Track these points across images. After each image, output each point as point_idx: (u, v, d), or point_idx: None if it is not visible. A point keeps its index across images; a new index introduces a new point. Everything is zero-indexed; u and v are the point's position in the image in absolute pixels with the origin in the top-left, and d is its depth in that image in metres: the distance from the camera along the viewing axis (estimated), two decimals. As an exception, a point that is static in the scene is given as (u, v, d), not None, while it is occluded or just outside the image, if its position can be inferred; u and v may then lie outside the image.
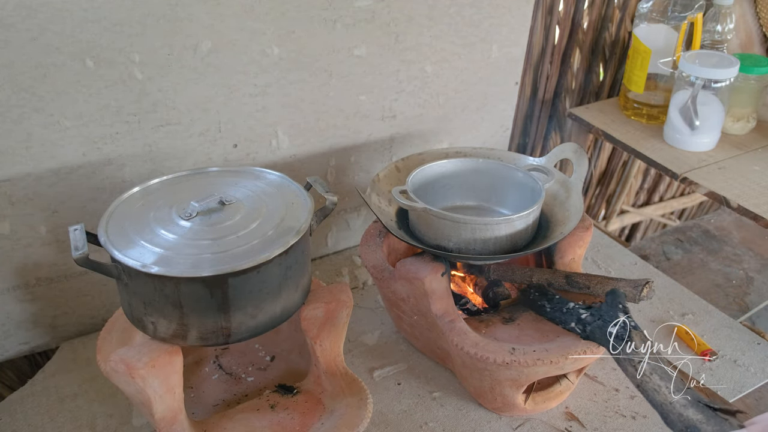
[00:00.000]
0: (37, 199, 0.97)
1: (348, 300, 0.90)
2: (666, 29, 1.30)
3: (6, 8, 0.83)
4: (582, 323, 0.89)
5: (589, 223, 1.06)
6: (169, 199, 0.86)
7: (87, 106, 0.94)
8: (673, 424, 0.68)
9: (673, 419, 0.67)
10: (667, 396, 0.70)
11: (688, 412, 0.67)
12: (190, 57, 0.98)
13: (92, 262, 0.76)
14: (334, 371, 0.93)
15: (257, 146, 1.11)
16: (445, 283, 0.95)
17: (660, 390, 0.71)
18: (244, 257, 0.77)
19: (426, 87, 1.22)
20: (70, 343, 1.09)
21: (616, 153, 1.74)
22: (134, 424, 0.96)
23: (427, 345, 1.05)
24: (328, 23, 1.06)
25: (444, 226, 0.94)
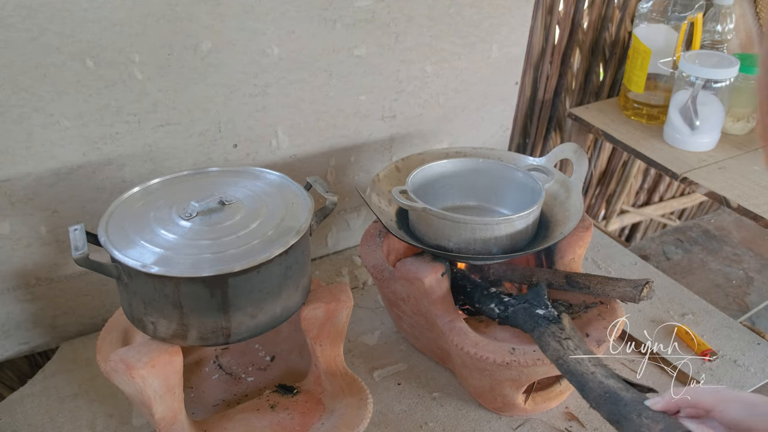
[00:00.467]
0: (37, 199, 0.97)
1: (348, 300, 0.90)
2: (666, 29, 1.30)
3: (6, 8, 0.83)
4: (504, 305, 0.94)
5: (589, 223, 1.06)
6: (169, 199, 0.86)
7: (87, 106, 0.94)
8: (591, 390, 0.71)
9: (593, 386, 0.71)
10: (589, 367, 0.73)
11: (608, 381, 0.70)
12: (190, 57, 0.98)
13: (92, 262, 0.76)
14: (334, 371, 0.93)
15: (257, 146, 1.11)
16: (445, 283, 0.95)
17: (583, 362, 0.74)
18: (244, 257, 0.77)
19: (426, 87, 1.22)
20: (70, 343, 1.09)
21: (616, 153, 1.74)
22: (134, 424, 0.96)
23: (427, 345, 1.05)
24: (328, 23, 1.06)
25: (444, 226, 0.94)
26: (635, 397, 0.68)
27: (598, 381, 0.71)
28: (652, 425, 0.63)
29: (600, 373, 0.72)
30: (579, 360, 0.75)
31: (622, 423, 0.66)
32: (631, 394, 0.68)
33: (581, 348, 0.78)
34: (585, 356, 0.75)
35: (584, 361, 0.75)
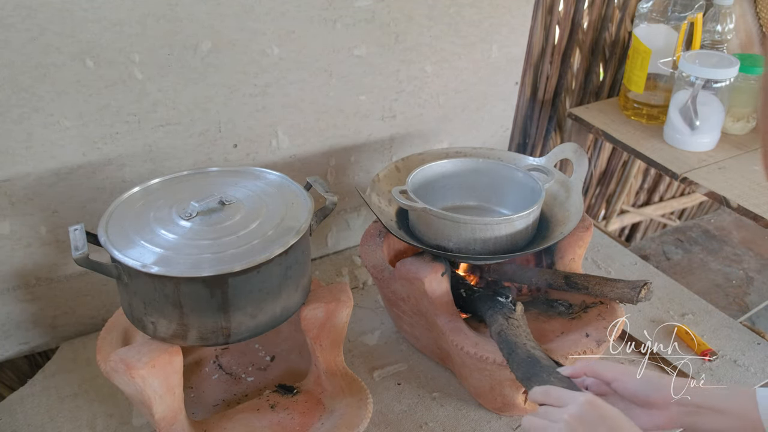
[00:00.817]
0: (37, 199, 0.97)
1: (348, 300, 0.90)
2: (666, 29, 1.30)
3: (6, 8, 0.83)
4: (471, 290, 1.00)
5: (589, 223, 1.06)
6: (169, 199, 0.86)
7: (87, 106, 0.94)
8: (517, 355, 0.81)
9: (520, 353, 0.81)
10: (523, 340, 0.84)
11: (535, 351, 0.81)
12: (190, 57, 0.98)
13: (92, 262, 0.76)
14: (334, 371, 0.93)
15: (257, 146, 1.11)
16: (445, 283, 0.95)
17: (520, 336, 0.85)
18: (244, 257, 0.77)
19: (426, 87, 1.22)
20: (70, 343, 1.09)
21: (616, 153, 1.74)
22: (134, 424, 0.96)
23: (427, 345, 1.05)
24: (328, 23, 1.06)
25: (444, 226, 0.94)
26: (551, 365, 0.78)
27: (526, 350, 0.81)
28: (556, 383, 0.74)
29: (530, 346, 0.82)
30: (517, 334, 0.85)
31: (532, 379, 0.77)
32: (548, 363, 0.79)
33: (522, 329, 0.87)
34: (523, 333, 0.85)
35: (521, 335, 0.84)
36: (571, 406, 0.68)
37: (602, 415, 0.66)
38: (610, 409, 0.68)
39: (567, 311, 1.01)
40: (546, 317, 1.01)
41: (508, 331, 0.87)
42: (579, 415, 0.66)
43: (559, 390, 0.71)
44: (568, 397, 0.69)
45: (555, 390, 0.71)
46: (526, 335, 0.86)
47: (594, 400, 0.68)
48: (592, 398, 0.68)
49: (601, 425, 0.66)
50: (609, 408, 0.68)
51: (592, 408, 0.67)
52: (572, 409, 0.67)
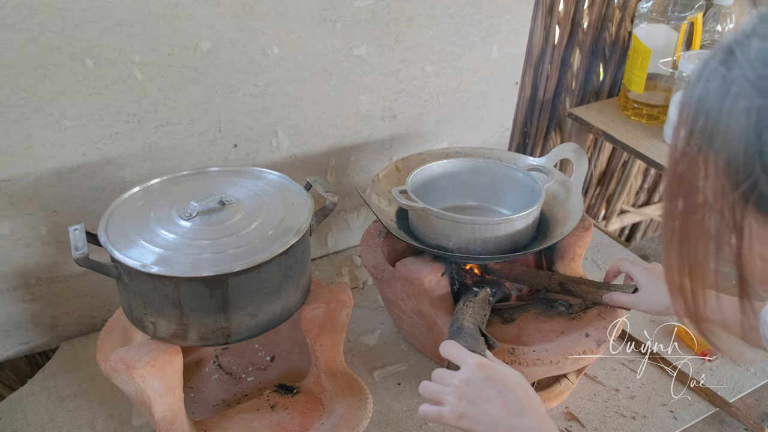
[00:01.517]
0: (37, 199, 0.97)
1: (348, 300, 0.90)
2: (666, 29, 1.30)
3: (6, 8, 0.83)
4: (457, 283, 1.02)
5: (589, 223, 1.06)
6: (169, 199, 0.86)
7: (87, 106, 0.94)
8: (452, 327, 0.87)
9: (454, 326, 0.87)
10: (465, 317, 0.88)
11: (467, 323, 0.86)
12: (190, 57, 0.98)
13: (92, 262, 0.76)
14: (334, 371, 0.93)
15: (257, 146, 1.11)
16: (445, 283, 0.95)
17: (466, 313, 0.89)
18: (244, 257, 0.77)
19: (426, 87, 1.22)
20: (70, 343, 1.09)
21: (616, 153, 1.74)
22: (134, 424, 0.96)
23: (427, 345, 1.05)
24: (328, 23, 1.06)
25: (444, 226, 0.94)
26: (472, 333, 0.83)
27: (460, 322, 0.87)
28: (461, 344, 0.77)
29: (466, 320, 0.87)
30: (464, 311, 0.90)
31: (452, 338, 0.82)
32: (471, 332, 0.84)
33: (474, 308, 0.91)
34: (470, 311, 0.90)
35: (466, 313, 0.89)
36: (461, 370, 0.70)
37: (489, 377, 0.68)
38: (500, 371, 0.69)
39: (567, 311, 1.01)
40: (546, 317, 1.01)
41: (459, 310, 0.91)
42: (468, 378, 0.68)
43: (456, 347, 0.73)
44: (462, 357, 0.71)
45: (452, 346, 0.74)
46: (471, 312, 0.89)
47: (484, 363, 0.69)
48: (483, 361, 0.70)
49: (490, 388, 0.67)
50: (499, 370, 0.69)
51: (482, 370, 0.69)
52: (462, 373, 0.69)
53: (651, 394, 1.01)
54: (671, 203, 0.43)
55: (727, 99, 0.36)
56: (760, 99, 0.35)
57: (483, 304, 0.94)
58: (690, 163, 0.40)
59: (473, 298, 0.94)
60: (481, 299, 0.95)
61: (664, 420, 0.97)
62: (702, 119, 0.38)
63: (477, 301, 0.94)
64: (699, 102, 0.38)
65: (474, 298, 0.94)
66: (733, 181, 0.37)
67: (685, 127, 0.40)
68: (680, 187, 0.42)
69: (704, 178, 0.39)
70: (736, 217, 0.38)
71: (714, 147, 0.37)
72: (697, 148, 0.39)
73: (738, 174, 0.36)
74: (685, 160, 0.40)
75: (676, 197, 0.42)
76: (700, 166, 0.39)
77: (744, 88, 0.36)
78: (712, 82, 0.37)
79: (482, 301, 0.94)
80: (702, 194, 0.40)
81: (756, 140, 0.35)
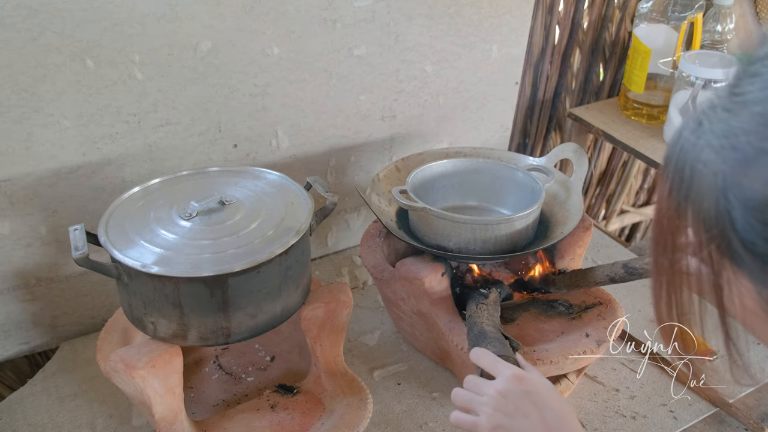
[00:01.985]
0: (37, 199, 0.97)
1: (348, 300, 0.90)
2: (666, 29, 1.30)
3: (6, 8, 0.83)
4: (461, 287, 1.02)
5: (589, 223, 1.06)
6: (169, 199, 0.86)
7: (87, 106, 0.94)
8: (472, 332, 0.86)
9: (475, 329, 0.86)
10: (483, 320, 0.88)
11: (488, 328, 0.85)
12: (190, 57, 0.98)
13: (92, 262, 0.76)
14: (334, 371, 0.93)
15: (257, 146, 1.11)
16: (445, 283, 0.95)
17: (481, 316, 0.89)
18: (244, 257, 0.77)
19: (426, 87, 1.22)
20: (70, 343, 1.09)
21: (616, 153, 1.74)
22: (134, 424, 0.96)
23: (427, 345, 1.05)
24: (328, 23, 1.06)
25: (444, 226, 0.94)
26: (497, 337, 0.82)
27: (480, 327, 0.86)
28: (491, 349, 0.77)
29: (486, 324, 0.86)
30: (479, 314, 0.89)
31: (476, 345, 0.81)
32: (496, 335, 0.83)
33: (488, 311, 0.91)
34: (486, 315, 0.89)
35: (483, 316, 0.89)
36: (498, 380, 0.69)
37: (527, 390, 0.67)
38: (537, 383, 0.69)
39: (567, 311, 1.01)
40: (546, 317, 1.01)
41: (474, 314, 0.90)
42: (505, 389, 0.68)
43: (492, 358, 0.72)
44: (498, 368, 0.70)
45: (488, 357, 0.73)
46: (487, 316, 0.89)
47: (521, 375, 0.69)
48: (520, 373, 0.69)
49: (526, 400, 0.67)
50: (536, 382, 0.69)
51: (519, 382, 0.68)
52: (499, 384, 0.68)
53: (651, 394, 1.01)
54: (657, 255, 0.47)
55: (697, 165, 0.41)
56: (724, 165, 0.39)
57: (495, 305, 0.94)
58: (671, 218, 0.44)
59: (485, 300, 0.94)
60: (493, 301, 0.95)
61: (664, 420, 0.97)
62: (678, 180, 0.42)
63: (489, 303, 0.93)
64: (676, 165, 0.43)
65: (486, 300, 0.94)
66: (709, 237, 0.41)
67: (667, 183, 0.44)
68: (665, 241, 0.46)
69: (684, 233, 0.44)
70: (714, 267, 0.42)
71: (690, 204, 0.42)
72: (677, 204, 0.43)
73: (712, 230, 0.40)
74: (667, 215, 0.45)
75: (662, 250, 0.46)
76: (681, 220, 0.43)
77: (710, 155, 0.40)
78: (686, 148, 0.42)
79: (494, 303, 0.95)
80: (684, 247, 0.45)
81: (724, 201, 0.39)
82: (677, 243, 0.45)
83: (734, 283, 0.42)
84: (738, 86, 0.41)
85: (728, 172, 0.39)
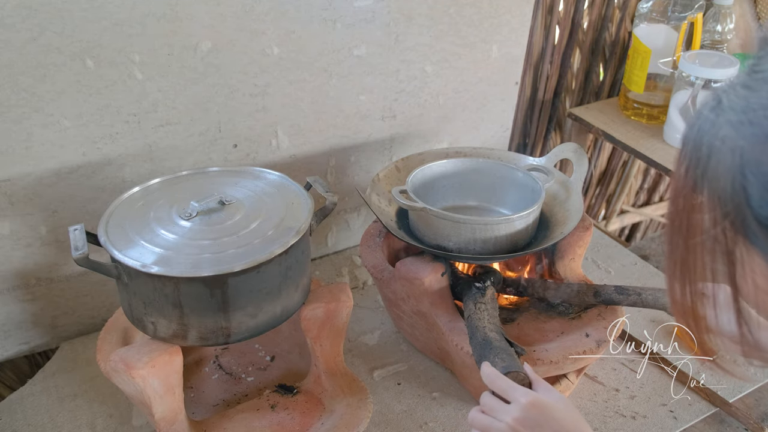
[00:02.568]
0: (37, 199, 0.97)
1: (348, 300, 0.90)
2: (666, 29, 1.30)
3: (6, 8, 0.83)
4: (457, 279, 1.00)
5: (589, 223, 1.06)
6: (169, 198, 0.86)
7: (87, 106, 0.94)
8: (476, 337, 0.85)
9: (478, 335, 0.85)
10: (484, 323, 0.87)
11: (491, 334, 0.84)
12: (190, 57, 0.98)
13: (92, 262, 0.76)
14: (334, 371, 0.93)
15: (257, 146, 1.11)
16: (445, 283, 0.95)
17: (482, 319, 0.88)
18: (244, 257, 0.77)
19: (426, 87, 1.22)
20: (70, 343, 1.09)
21: (616, 153, 1.74)
22: (134, 424, 0.96)
23: (427, 345, 1.05)
24: (328, 23, 1.06)
25: (444, 226, 0.94)
26: (503, 347, 0.81)
27: (483, 333, 0.85)
28: (499, 363, 0.77)
29: (489, 329, 0.85)
30: (480, 317, 0.88)
31: (482, 359, 0.80)
32: (501, 344, 0.82)
33: (488, 312, 0.90)
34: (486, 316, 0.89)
35: (483, 318, 0.88)
36: (514, 408, 0.69)
37: (546, 417, 0.68)
38: (554, 408, 0.69)
39: (567, 311, 1.01)
40: (546, 317, 1.01)
41: (474, 315, 0.89)
42: (523, 418, 0.68)
43: (506, 382, 0.73)
44: (514, 395, 0.70)
45: (501, 381, 0.73)
46: (488, 318, 0.88)
47: (536, 402, 0.69)
48: (535, 400, 0.69)
49: (546, 428, 0.67)
50: (552, 407, 0.69)
51: (536, 410, 0.68)
52: (516, 412, 0.69)
53: (651, 394, 1.01)
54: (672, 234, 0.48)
55: (715, 142, 0.42)
56: (742, 141, 0.40)
57: (494, 303, 0.94)
58: (687, 196, 0.45)
59: (482, 299, 0.93)
60: (490, 298, 0.94)
61: (664, 420, 0.97)
62: (696, 158, 0.43)
63: (488, 301, 0.93)
64: (694, 143, 0.43)
65: (483, 298, 0.93)
66: (723, 213, 0.42)
67: (683, 161, 0.45)
68: (681, 220, 0.46)
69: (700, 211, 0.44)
70: (728, 245, 0.43)
71: (707, 182, 0.42)
72: (693, 182, 0.44)
73: (727, 207, 0.41)
74: (683, 194, 0.45)
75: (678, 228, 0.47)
76: (697, 199, 0.44)
77: (729, 131, 0.41)
78: (704, 127, 0.43)
79: (492, 300, 0.94)
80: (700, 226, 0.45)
81: (741, 178, 0.40)
82: (692, 221, 0.45)
83: (747, 261, 0.43)
84: (758, 65, 0.42)
85: (746, 148, 0.40)
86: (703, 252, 0.45)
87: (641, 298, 0.94)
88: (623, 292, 0.95)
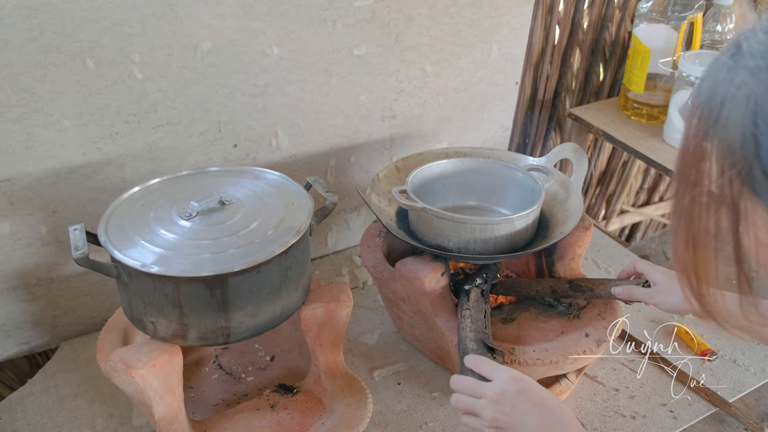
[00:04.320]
0: (37, 199, 0.97)
1: (348, 300, 0.90)
2: (666, 29, 1.30)
3: (6, 8, 0.83)
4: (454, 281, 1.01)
5: (589, 223, 1.06)
6: (169, 198, 0.86)
7: (87, 106, 0.94)
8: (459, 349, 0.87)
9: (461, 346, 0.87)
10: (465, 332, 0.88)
11: (470, 344, 0.85)
12: (190, 57, 0.98)
13: (92, 262, 0.76)
14: (334, 371, 0.93)
15: (257, 146, 1.11)
16: (445, 283, 0.95)
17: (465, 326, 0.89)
18: (244, 257, 0.77)
19: (426, 87, 1.22)
20: (70, 343, 1.09)
21: (616, 153, 1.74)
22: (134, 424, 0.96)
23: (427, 345, 1.05)
24: (328, 23, 1.06)
25: (444, 226, 0.94)
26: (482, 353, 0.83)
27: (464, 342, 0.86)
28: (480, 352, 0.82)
29: (469, 338, 0.87)
30: (463, 325, 0.90)
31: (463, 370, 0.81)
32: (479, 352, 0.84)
33: (472, 317, 0.91)
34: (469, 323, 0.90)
35: (466, 328, 0.89)
36: (495, 383, 0.71)
37: (524, 389, 0.70)
38: (533, 383, 0.71)
39: (567, 311, 1.01)
40: (546, 317, 1.01)
41: (460, 323, 0.91)
42: (502, 390, 0.70)
43: (490, 364, 0.75)
44: (495, 370, 0.73)
45: (485, 363, 0.75)
46: (470, 324, 0.89)
47: (517, 376, 0.71)
48: (516, 374, 0.71)
49: (525, 400, 0.69)
50: (531, 382, 0.71)
51: (515, 383, 0.70)
52: (496, 386, 0.71)
53: (651, 394, 1.01)
54: (679, 186, 0.47)
55: (730, 88, 0.40)
56: (758, 87, 0.39)
57: (478, 305, 0.94)
58: (696, 146, 0.44)
59: (467, 304, 0.93)
60: (474, 300, 0.94)
61: (664, 420, 0.97)
62: (709, 106, 0.42)
63: (472, 305, 0.93)
64: (708, 90, 0.42)
65: (467, 303, 0.94)
66: (731, 162, 0.41)
67: (695, 113, 0.43)
68: (688, 170, 0.45)
69: (707, 160, 0.43)
70: (733, 195, 0.42)
71: (717, 131, 0.41)
72: (704, 132, 0.42)
73: (734, 156, 0.40)
74: (693, 143, 0.44)
75: (685, 178, 0.46)
76: (705, 148, 0.43)
77: (746, 77, 0.40)
78: (720, 73, 0.42)
79: (476, 303, 0.94)
80: (707, 176, 0.44)
81: (752, 127, 0.39)
82: (700, 172, 0.45)
83: (750, 215, 0.42)
84: None
85: (761, 95, 0.39)
86: (708, 203, 0.45)
87: (594, 293, 0.96)
88: (578, 288, 0.97)
